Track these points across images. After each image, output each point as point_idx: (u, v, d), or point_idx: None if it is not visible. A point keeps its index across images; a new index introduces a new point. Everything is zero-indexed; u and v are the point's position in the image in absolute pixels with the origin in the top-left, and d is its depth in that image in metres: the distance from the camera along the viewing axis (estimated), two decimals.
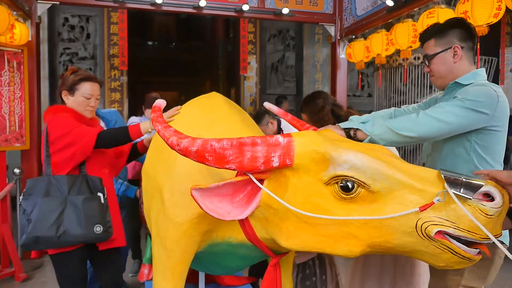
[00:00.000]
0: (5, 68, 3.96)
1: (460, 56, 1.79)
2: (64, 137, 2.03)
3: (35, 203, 1.95)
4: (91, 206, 2.01)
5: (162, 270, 1.73)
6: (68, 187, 2.01)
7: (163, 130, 1.46)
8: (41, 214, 1.93)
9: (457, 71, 1.80)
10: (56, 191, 1.99)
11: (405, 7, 3.98)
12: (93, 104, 2.21)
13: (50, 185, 1.99)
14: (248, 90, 8.29)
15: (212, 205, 1.38)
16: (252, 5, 4.85)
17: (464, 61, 1.81)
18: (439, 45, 1.82)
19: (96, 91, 2.22)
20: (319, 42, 8.33)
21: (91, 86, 2.19)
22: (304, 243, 1.36)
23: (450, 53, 1.79)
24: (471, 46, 1.83)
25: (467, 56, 1.82)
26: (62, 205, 1.96)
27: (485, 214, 1.18)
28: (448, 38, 1.81)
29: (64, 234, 1.93)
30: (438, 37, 1.82)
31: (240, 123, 1.88)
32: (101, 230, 2.00)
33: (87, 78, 2.19)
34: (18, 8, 3.90)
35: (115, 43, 7.10)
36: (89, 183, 2.07)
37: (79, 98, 2.17)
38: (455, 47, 1.78)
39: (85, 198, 2.01)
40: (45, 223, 1.92)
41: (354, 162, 1.28)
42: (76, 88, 2.16)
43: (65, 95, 2.18)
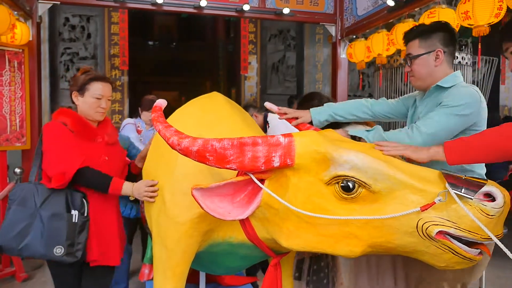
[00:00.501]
0: (6, 68, 3.96)
1: (441, 60, 1.82)
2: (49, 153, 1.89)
3: (9, 209, 1.88)
4: (56, 225, 1.83)
5: (163, 270, 1.73)
6: (43, 199, 1.86)
7: (163, 130, 1.46)
8: (8, 222, 1.85)
9: (437, 75, 1.83)
10: (31, 201, 1.87)
11: (406, 7, 3.98)
12: (104, 105, 2.05)
13: (29, 194, 1.88)
14: (249, 90, 8.29)
15: (213, 205, 1.38)
16: (252, 5, 4.84)
17: (444, 65, 1.84)
18: (423, 47, 1.84)
19: (108, 91, 2.07)
20: (319, 42, 8.33)
21: (103, 86, 2.04)
22: (305, 243, 1.36)
23: (433, 56, 1.82)
24: (452, 51, 1.86)
25: (448, 60, 1.85)
26: (31, 218, 1.84)
27: (486, 214, 1.18)
28: (432, 41, 1.83)
29: (25, 248, 1.82)
30: (422, 38, 1.85)
31: (241, 123, 1.88)
32: (61, 252, 1.82)
33: (98, 78, 2.05)
34: (19, 8, 3.90)
35: (116, 43, 7.11)
36: (68, 198, 1.88)
37: (89, 99, 2.02)
38: (438, 51, 1.81)
39: (53, 214, 1.84)
40: (10, 232, 1.83)
41: (355, 162, 1.28)
42: (87, 88, 2.02)
43: (75, 96, 2.04)
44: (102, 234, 1.98)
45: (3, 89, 3.95)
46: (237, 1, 4.81)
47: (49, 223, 1.83)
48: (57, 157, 1.86)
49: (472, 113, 1.67)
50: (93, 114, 2.03)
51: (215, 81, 11.64)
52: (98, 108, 2.03)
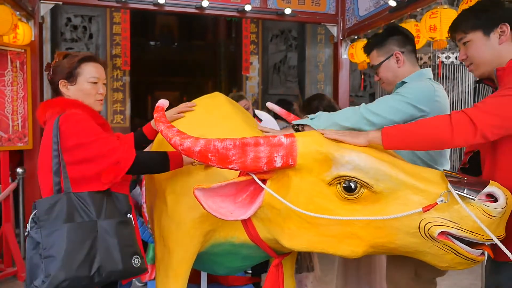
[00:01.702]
0: (8, 68, 3.97)
1: (402, 60, 1.90)
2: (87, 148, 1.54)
3: (54, 232, 1.43)
4: (127, 232, 1.55)
5: (164, 270, 1.74)
6: (96, 208, 1.51)
7: (166, 130, 1.47)
8: (68, 247, 1.41)
9: (403, 74, 1.90)
10: (82, 214, 1.49)
11: (408, 8, 3.97)
12: (102, 91, 1.72)
13: (71, 206, 1.49)
14: (250, 90, 8.29)
15: (215, 205, 1.39)
16: (254, 6, 4.84)
17: (407, 64, 1.92)
18: (381, 55, 1.95)
19: (102, 73, 1.74)
20: (321, 43, 8.32)
21: (96, 67, 1.71)
22: (306, 243, 1.36)
23: (393, 59, 1.91)
24: (410, 49, 1.94)
25: (409, 58, 1.93)
26: (92, 234, 1.47)
27: (489, 215, 1.18)
28: (388, 46, 1.93)
29: (98, 272, 1.44)
30: (378, 47, 1.95)
31: (243, 123, 1.88)
32: (139, 263, 1.54)
33: (88, 58, 1.70)
34: (21, 8, 3.91)
35: (118, 43, 7.11)
36: (115, 202, 1.59)
37: (84, 86, 1.66)
38: (396, 54, 1.90)
39: (119, 222, 1.54)
40: (74, 259, 1.41)
41: (357, 162, 1.28)
42: (78, 72, 1.66)
43: (63, 85, 1.66)
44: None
45: (5, 89, 3.96)
46: (239, 1, 4.81)
47: (120, 232, 1.52)
48: (101, 146, 1.54)
49: (421, 105, 1.71)
50: (92, 103, 1.69)
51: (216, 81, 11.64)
52: (97, 95, 1.71)
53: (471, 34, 1.48)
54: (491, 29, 1.43)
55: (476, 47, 1.47)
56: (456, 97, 4.77)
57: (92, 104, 1.69)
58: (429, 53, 4.66)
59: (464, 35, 1.51)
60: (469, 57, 1.51)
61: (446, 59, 4.67)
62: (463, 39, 1.52)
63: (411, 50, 1.95)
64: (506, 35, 1.42)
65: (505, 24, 1.41)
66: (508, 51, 1.42)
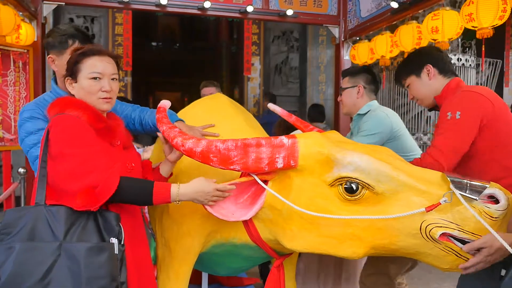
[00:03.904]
0: (10, 68, 3.98)
1: (362, 93, 2.39)
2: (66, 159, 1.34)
3: (9, 249, 1.24)
4: (98, 261, 1.27)
5: (166, 270, 1.74)
6: (67, 227, 1.28)
7: (168, 131, 1.47)
8: (15, 270, 1.21)
9: (359, 104, 2.40)
10: (47, 232, 1.28)
11: (410, 9, 3.97)
12: (107, 87, 1.46)
13: (39, 221, 1.28)
14: (252, 91, 8.29)
15: (216, 206, 1.39)
16: (256, 7, 4.84)
17: (364, 97, 2.40)
18: (349, 83, 2.44)
19: (109, 68, 1.48)
20: (323, 44, 8.32)
21: (99, 61, 1.47)
22: (308, 244, 1.36)
23: (355, 90, 2.40)
24: (372, 88, 2.44)
25: (368, 94, 2.42)
26: (53, 256, 1.25)
27: (490, 216, 1.18)
28: (357, 79, 2.42)
29: None
30: (351, 76, 2.46)
31: (245, 124, 1.88)
32: None
33: (90, 51, 1.48)
34: (24, 9, 3.92)
35: (120, 44, 7.13)
36: (100, 221, 1.33)
37: (83, 82, 1.45)
38: (359, 86, 2.39)
39: (91, 247, 1.28)
40: (24, 282, 1.21)
41: (359, 163, 1.28)
42: (79, 68, 1.46)
43: (69, 83, 1.49)
44: (140, 265, 1.48)
45: (8, 89, 3.97)
46: (241, 3, 4.82)
47: (88, 259, 1.26)
48: (84, 163, 1.32)
49: (380, 132, 2.24)
50: (95, 102, 1.46)
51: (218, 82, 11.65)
52: (100, 93, 1.45)
53: (408, 79, 1.96)
54: (419, 71, 1.92)
55: (415, 87, 1.95)
56: None
57: (95, 103, 1.46)
58: None
59: (404, 81, 1.99)
60: (414, 96, 1.98)
61: None
62: (405, 84, 1.99)
63: (373, 90, 2.45)
64: (432, 72, 1.89)
65: (428, 65, 1.90)
66: (439, 83, 1.89)
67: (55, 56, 1.73)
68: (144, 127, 1.92)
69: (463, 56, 4.74)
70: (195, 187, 1.41)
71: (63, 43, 1.71)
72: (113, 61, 1.52)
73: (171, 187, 1.41)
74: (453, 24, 3.38)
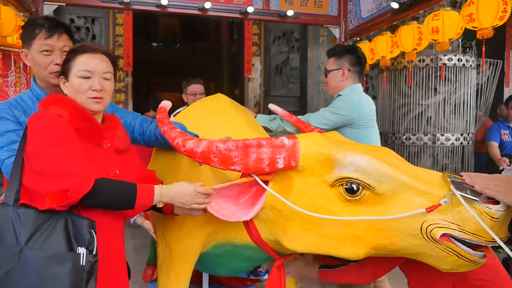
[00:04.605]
0: (11, 68, 3.99)
1: (346, 76, 2.39)
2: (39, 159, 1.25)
3: None
4: (57, 272, 1.16)
5: (166, 270, 1.74)
6: (31, 231, 1.18)
7: (169, 131, 1.47)
8: None
9: (343, 86, 2.40)
10: (11, 235, 1.18)
11: (410, 10, 3.97)
12: (97, 86, 1.37)
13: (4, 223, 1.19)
14: (252, 91, 8.30)
15: (217, 206, 1.39)
16: (257, 7, 4.85)
17: (349, 80, 2.40)
18: (334, 65, 2.42)
19: (101, 65, 1.40)
20: (323, 44, 8.32)
21: (89, 58, 1.38)
22: (308, 245, 1.36)
23: (340, 72, 2.39)
24: (357, 70, 2.42)
25: (353, 77, 2.41)
26: (11, 262, 1.15)
27: (491, 217, 1.18)
28: (342, 60, 2.40)
29: None
30: (335, 58, 2.43)
31: (245, 125, 1.89)
32: None
33: (81, 48, 1.40)
34: (25, 9, 3.93)
35: (120, 44, 7.13)
36: (70, 227, 1.22)
37: (73, 81, 1.37)
38: (344, 69, 2.38)
39: (51, 256, 1.17)
40: None
41: (359, 164, 1.28)
42: (70, 66, 1.39)
43: (63, 83, 1.43)
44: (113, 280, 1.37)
45: (9, 90, 3.98)
46: (241, 3, 4.83)
47: (44, 269, 1.15)
48: (57, 164, 1.22)
49: (346, 114, 2.25)
50: (84, 102, 1.37)
51: (218, 83, 11.67)
52: (89, 92, 1.37)
53: None
54: None
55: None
56: (458, 99, 4.76)
57: (85, 103, 1.37)
58: (431, 55, 4.66)
59: None
60: None
61: (448, 61, 4.66)
62: None
63: (358, 71, 2.42)
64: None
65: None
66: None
67: (27, 50, 1.63)
68: (147, 137, 1.82)
69: (464, 57, 4.73)
70: (176, 188, 1.38)
71: (30, 33, 1.60)
72: (107, 58, 1.43)
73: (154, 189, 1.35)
74: (454, 25, 3.38)
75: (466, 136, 4.81)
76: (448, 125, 4.74)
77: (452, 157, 4.74)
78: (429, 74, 4.71)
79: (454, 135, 4.72)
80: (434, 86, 4.72)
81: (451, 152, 4.74)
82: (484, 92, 5.92)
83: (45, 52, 1.59)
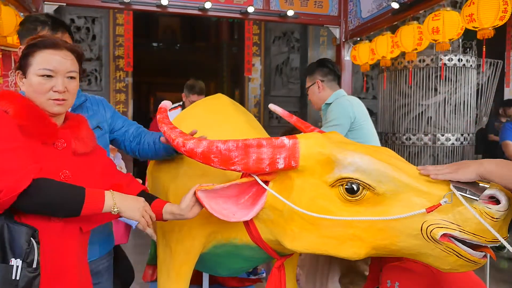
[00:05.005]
0: (12, 68, 3.99)
1: (322, 87, 2.61)
2: None
3: None
4: None
5: (166, 270, 1.74)
6: None
7: (169, 131, 1.47)
8: None
9: (323, 97, 2.61)
10: None
11: (411, 10, 3.98)
12: (60, 87, 1.23)
13: None
14: (253, 91, 8.31)
15: (218, 206, 1.39)
16: (257, 7, 4.86)
17: (326, 90, 2.61)
18: (309, 81, 2.65)
19: (65, 64, 1.26)
20: (323, 44, 8.33)
21: (52, 55, 1.24)
22: (309, 245, 1.36)
23: (315, 86, 2.62)
24: (332, 79, 2.62)
25: (330, 85, 2.62)
26: None
27: (491, 217, 1.18)
28: (314, 75, 2.63)
29: None
30: (309, 75, 2.68)
31: (246, 125, 1.89)
32: None
33: (42, 43, 1.25)
34: (25, 9, 3.93)
35: (121, 44, 7.14)
36: (5, 235, 1.09)
37: (32, 79, 1.23)
38: (317, 81, 2.61)
39: None
40: None
41: (360, 164, 1.28)
42: (28, 62, 1.25)
43: (19, 78, 1.29)
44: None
45: (9, 90, 3.98)
46: (242, 3, 4.83)
47: None
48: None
49: (344, 122, 2.38)
50: (44, 104, 1.24)
51: (218, 83, 11.68)
52: (50, 93, 1.23)
53: None
54: None
55: None
56: (458, 100, 4.76)
57: (44, 105, 1.24)
58: (431, 55, 4.66)
59: None
60: None
61: (448, 61, 4.67)
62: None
63: (332, 79, 2.62)
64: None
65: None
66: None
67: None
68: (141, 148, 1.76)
69: (464, 57, 4.74)
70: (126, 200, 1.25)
71: (31, 30, 1.53)
72: (72, 56, 1.29)
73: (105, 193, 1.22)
74: (454, 25, 3.38)
75: (466, 136, 4.81)
76: (448, 125, 4.74)
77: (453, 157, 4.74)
78: (429, 74, 4.72)
79: (455, 135, 4.73)
80: (435, 86, 4.73)
81: (451, 152, 4.74)
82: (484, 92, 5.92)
83: None
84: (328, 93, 2.59)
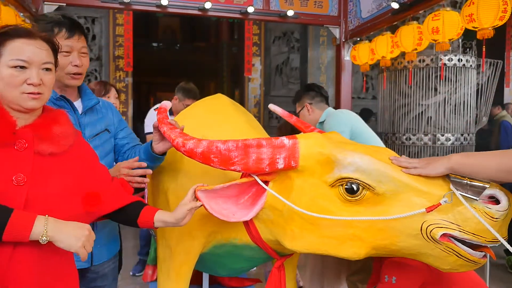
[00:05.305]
0: None
1: (312, 109, 2.79)
2: None
3: None
4: None
5: (166, 271, 1.74)
6: None
7: (168, 132, 1.47)
8: None
9: (315, 118, 2.77)
10: None
11: (411, 10, 3.97)
12: (35, 80, 1.13)
13: None
14: (252, 91, 8.31)
15: (217, 206, 1.39)
16: (257, 7, 4.86)
17: (316, 111, 2.79)
18: (298, 107, 2.87)
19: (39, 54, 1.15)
20: (323, 44, 8.33)
21: (26, 45, 1.14)
22: (308, 245, 1.36)
23: (305, 110, 2.80)
24: (320, 100, 2.82)
25: (317, 106, 2.80)
26: None
27: (491, 217, 1.18)
28: (302, 100, 2.83)
29: None
30: (297, 101, 2.88)
31: (246, 125, 1.89)
32: None
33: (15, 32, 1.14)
34: (25, 10, 3.93)
35: (121, 45, 7.14)
36: None
37: (3, 71, 1.12)
38: (306, 105, 2.79)
39: None
40: None
41: (359, 164, 1.28)
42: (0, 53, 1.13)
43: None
44: None
45: None
46: (241, 3, 4.83)
47: None
48: None
49: (345, 129, 2.48)
50: (18, 98, 1.13)
51: (218, 83, 11.68)
52: (24, 85, 1.13)
53: None
54: None
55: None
56: (458, 100, 4.76)
57: (18, 99, 1.13)
58: (431, 55, 4.66)
59: None
60: None
61: (448, 61, 4.67)
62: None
63: (320, 100, 2.81)
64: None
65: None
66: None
67: None
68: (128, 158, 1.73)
69: (464, 57, 4.73)
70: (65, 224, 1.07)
71: (46, 31, 1.45)
72: (48, 46, 1.19)
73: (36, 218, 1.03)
74: (454, 25, 3.38)
75: (466, 136, 4.81)
76: (448, 125, 4.74)
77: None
78: (429, 74, 4.71)
79: (455, 135, 4.73)
80: (434, 86, 4.72)
81: (451, 152, 4.73)
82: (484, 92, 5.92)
83: (64, 53, 1.52)
84: (318, 114, 2.77)
